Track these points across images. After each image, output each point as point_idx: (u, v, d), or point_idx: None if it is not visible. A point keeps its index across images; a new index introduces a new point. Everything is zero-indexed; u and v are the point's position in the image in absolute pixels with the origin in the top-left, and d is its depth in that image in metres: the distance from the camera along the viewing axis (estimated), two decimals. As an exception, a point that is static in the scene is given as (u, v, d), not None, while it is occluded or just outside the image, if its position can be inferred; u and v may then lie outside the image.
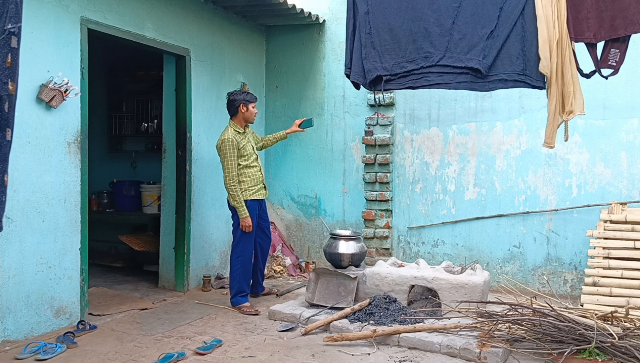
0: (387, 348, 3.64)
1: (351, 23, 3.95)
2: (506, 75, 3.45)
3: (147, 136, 6.66)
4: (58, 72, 3.83)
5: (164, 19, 4.81)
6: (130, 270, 5.97)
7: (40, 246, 3.79)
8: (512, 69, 3.43)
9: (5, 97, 2.15)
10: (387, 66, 3.74)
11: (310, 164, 6.13)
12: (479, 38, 3.46)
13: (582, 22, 3.23)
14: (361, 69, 3.86)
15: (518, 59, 3.41)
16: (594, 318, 3.33)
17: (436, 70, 3.61)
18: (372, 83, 3.86)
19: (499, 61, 3.44)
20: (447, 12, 3.56)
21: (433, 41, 3.58)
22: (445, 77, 3.59)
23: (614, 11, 3.18)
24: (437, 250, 5.52)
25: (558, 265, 5.02)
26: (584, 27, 3.23)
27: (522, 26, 3.37)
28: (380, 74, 3.78)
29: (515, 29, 3.38)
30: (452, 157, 5.44)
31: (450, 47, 3.53)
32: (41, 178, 3.79)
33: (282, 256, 5.98)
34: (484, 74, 3.48)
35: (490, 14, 3.44)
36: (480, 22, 3.46)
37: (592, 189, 4.91)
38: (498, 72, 3.46)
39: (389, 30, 3.73)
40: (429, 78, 3.64)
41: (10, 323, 3.61)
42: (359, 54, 3.86)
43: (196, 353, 3.50)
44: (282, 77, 6.28)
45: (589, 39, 3.24)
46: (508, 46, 3.41)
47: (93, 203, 6.09)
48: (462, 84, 3.58)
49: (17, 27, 2.19)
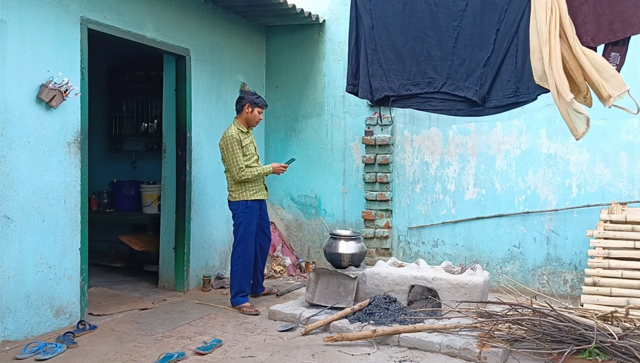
0: (387, 348, 3.64)
1: (353, 36, 4.03)
2: (497, 101, 3.62)
3: (147, 136, 6.66)
4: (58, 72, 3.83)
5: (164, 19, 4.81)
6: (130, 270, 5.97)
7: (40, 246, 3.79)
8: (502, 93, 3.59)
9: None
10: (394, 87, 3.89)
11: (310, 164, 6.14)
12: (477, 64, 3.62)
13: (580, 27, 3.24)
14: (368, 86, 3.98)
15: (509, 82, 3.54)
16: (594, 318, 3.33)
17: (439, 96, 3.79)
18: (379, 101, 4.01)
19: (493, 88, 3.61)
20: (447, 33, 3.69)
21: (435, 66, 3.75)
22: (447, 104, 3.79)
23: (612, 15, 3.19)
24: (437, 250, 5.52)
25: (558, 265, 5.02)
26: (582, 31, 3.24)
27: (516, 45, 3.48)
28: (388, 95, 3.92)
29: (510, 51, 3.51)
30: (452, 157, 5.44)
31: (451, 73, 3.70)
32: (41, 178, 3.79)
33: (282, 256, 5.98)
34: (480, 104, 3.67)
35: (488, 34, 3.56)
36: (478, 45, 3.60)
37: (592, 189, 4.91)
38: (491, 99, 3.64)
39: (393, 49, 3.86)
40: (433, 103, 3.83)
41: (10, 323, 3.61)
42: (365, 71, 3.97)
43: (196, 353, 3.50)
44: (282, 77, 6.28)
45: (587, 43, 3.26)
46: (502, 71, 3.57)
47: (93, 203, 6.09)
48: (461, 111, 3.77)
49: None
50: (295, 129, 6.22)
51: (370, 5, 3.92)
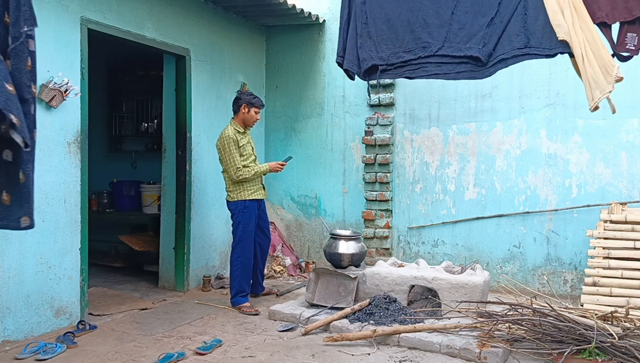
0: (387, 348, 3.64)
1: (346, 12, 3.91)
2: (505, 54, 3.37)
3: (147, 136, 6.67)
4: (58, 72, 3.83)
5: (164, 19, 4.81)
6: (130, 270, 5.97)
7: (40, 246, 3.79)
8: (510, 47, 3.35)
9: (31, 100, 2.22)
10: (383, 56, 3.68)
11: (310, 164, 6.14)
12: (479, 27, 3.40)
13: (593, 4, 3.13)
14: (355, 58, 3.80)
15: (518, 36, 3.32)
16: (594, 318, 3.33)
17: (434, 60, 3.55)
18: (367, 72, 3.81)
19: (499, 44, 3.37)
20: (446, 3, 3.51)
21: (431, 32, 3.53)
22: (444, 68, 3.54)
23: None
24: (437, 250, 5.52)
25: (558, 265, 5.02)
26: (595, 8, 3.13)
27: (524, 6, 3.29)
28: (376, 64, 3.72)
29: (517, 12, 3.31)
30: (452, 157, 5.44)
31: (449, 37, 3.48)
32: (41, 178, 3.78)
33: (282, 256, 5.98)
34: (484, 62, 3.42)
35: (491, 1, 3.39)
36: (481, 11, 3.41)
37: (592, 189, 4.90)
38: (497, 55, 3.39)
39: (386, 20, 3.68)
40: (427, 68, 3.58)
41: (10, 323, 3.61)
42: (353, 42, 3.79)
43: (196, 353, 3.50)
44: (282, 77, 6.28)
45: (601, 18, 3.13)
46: (509, 29, 3.34)
47: (93, 203, 6.09)
48: (461, 74, 3.53)
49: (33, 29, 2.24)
50: (295, 129, 6.21)
51: None
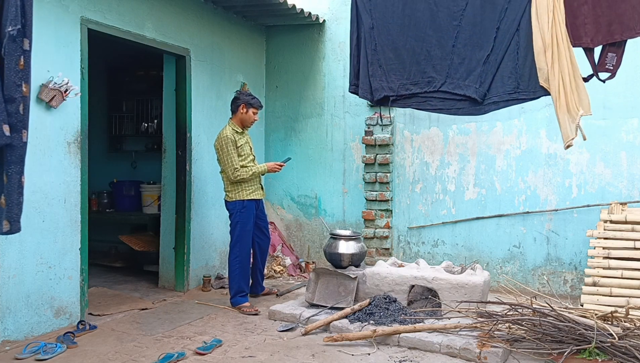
0: (387, 348, 3.64)
1: (355, 37, 4.05)
2: (497, 97, 3.60)
3: (147, 136, 6.66)
4: (58, 72, 3.83)
5: (164, 19, 4.81)
6: (130, 270, 5.96)
7: (40, 246, 3.79)
8: (503, 90, 3.58)
9: (19, 99, 2.21)
10: (393, 87, 3.90)
11: (310, 164, 6.14)
12: (477, 62, 3.62)
13: (580, 28, 3.28)
14: (368, 87, 4.00)
15: (510, 78, 3.53)
16: (594, 318, 3.33)
17: (438, 96, 3.79)
18: (379, 101, 4.02)
19: (493, 84, 3.60)
20: (447, 32, 3.69)
21: (435, 65, 3.75)
22: (447, 103, 3.79)
23: (610, 17, 3.23)
24: (437, 250, 5.52)
25: (558, 265, 5.02)
26: (582, 32, 3.29)
27: (517, 43, 3.48)
28: (388, 95, 3.94)
29: (510, 48, 3.50)
30: (452, 157, 5.44)
31: (450, 72, 3.70)
32: (41, 178, 3.78)
33: (282, 256, 5.98)
34: (480, 102, 3.66)
35: (488, 33, 3.56)
36: (478, 44, 3.60)
37: (592, 189, 4.90)
38: (491, 96, 3.63)
39: (393, 49, 3.88)
40: (432, 103, 3.84)
41: (10, 323, 3.61)
42: (365, 71, 3.99)
43: (196, 353, 3.50)
44: (282, 77, 6.28)
45: (586, 43, 3.30)
46: (502, 68, 3.56)
47: (93, 203, 6.09)
48: (461, 110, 3.77)
49: (16, 29, 2.22)
50: (295, 129, 6.21)
51: (370, 5, 3.94)
